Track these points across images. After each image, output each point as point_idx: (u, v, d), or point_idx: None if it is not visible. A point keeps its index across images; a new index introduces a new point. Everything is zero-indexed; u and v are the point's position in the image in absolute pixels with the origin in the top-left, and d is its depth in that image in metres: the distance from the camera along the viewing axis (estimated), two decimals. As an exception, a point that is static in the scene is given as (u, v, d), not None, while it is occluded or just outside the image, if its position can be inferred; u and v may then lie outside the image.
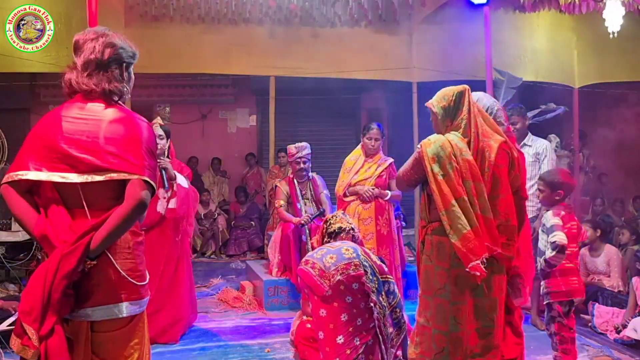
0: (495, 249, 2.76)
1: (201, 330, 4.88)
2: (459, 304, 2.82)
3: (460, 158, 2.78)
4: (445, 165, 2.77)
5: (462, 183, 2.75)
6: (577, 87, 8.28)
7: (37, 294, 1.99)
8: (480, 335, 2.84)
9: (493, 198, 2.81)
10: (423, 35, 8.07)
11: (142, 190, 2.06)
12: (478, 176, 2.78)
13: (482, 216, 2.74)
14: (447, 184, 2.75)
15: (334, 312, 3.33)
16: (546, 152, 4.89)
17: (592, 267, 5.52)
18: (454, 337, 2.83)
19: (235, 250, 8.42)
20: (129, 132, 2.13)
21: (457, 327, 2.82)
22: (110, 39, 2.21)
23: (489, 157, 2.82)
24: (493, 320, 2.86)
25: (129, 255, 2.16)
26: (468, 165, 2.78)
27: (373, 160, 5.27)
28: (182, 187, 4.55)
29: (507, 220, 2.82)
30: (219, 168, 9.62)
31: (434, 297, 2.88)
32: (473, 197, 2.75)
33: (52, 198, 2.11)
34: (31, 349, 1.98)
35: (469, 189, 2.75)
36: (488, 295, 2.83)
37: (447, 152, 2.78)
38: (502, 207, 2.82)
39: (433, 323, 2.88)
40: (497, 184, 2.82)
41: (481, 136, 2.86)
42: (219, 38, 7.76)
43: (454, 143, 2.81)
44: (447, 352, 2.83)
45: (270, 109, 7.95)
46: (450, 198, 2.72)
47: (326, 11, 7.78)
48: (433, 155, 2.80)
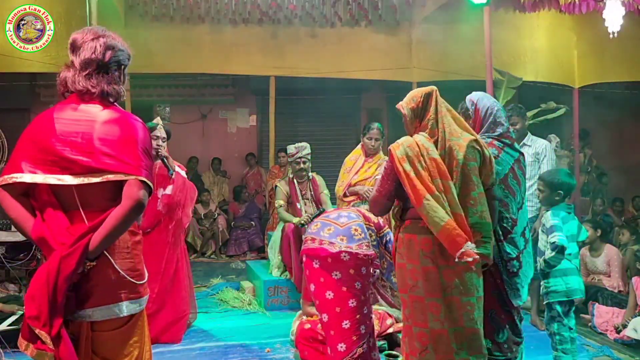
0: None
1: (201, 330, 4.88)
2: (434, 300, 2.83)
3: (428, 157, 2.84)
4: (414, 164, 2.83)
5: (431, 181, 2.80)
6: (577, 87, 8.27)
7: (42, 297, 1.98)
8: (464, 335, 2.83)
9: (464, 196, 2.84)
10: (423, 35, 8.07)
11: (140, 190, 2.06)
12: (446, 174, 2.83)
13: (453, 213, 2.77)
14: (419, 182, 2.79)
15: (343, 297, 3.30)
16: (546, 151, 4.89)
17: (592, 267, 5.52)
18: (435, 334, 2.83)
19: (235, 250, 8.42)
20: (124, 133, 2.12)
21: (437, 324, 2.82)
22: (110, 40, 2.21)
23: (457, 156, 2.85)
24: (475, 321, 2.83)
25: (128, 255, 2.16)
26: (435, 164, 2.83)
27: (373, 160, 5.28)
28: (180, 176, 4.72)
29: (481, 217, 2.84)
30: (219, 168, 9.62)
31: (410, 295, 2.90)
32: (443, 195, 2.79)
33: (49, 201, 2.11)
34: (48, 352, 1.98)
35: (438, 187, 2.80)
36: (465, 294, 2.81)
37: (415, 151, 2.85)
38: (475, 205, 2.84)
39: (413, 321, 2.90)
40: (469, 182, 2.85)
41: (449, 135, 2.90)
42: (219, 38, 7.77)
43: (420, 143, 2.88)
44: (431, 350, 2.84)
45: (270, 109, 7.96)
46: (424, 193, 2.77)
47: (326, 11, 7.79)
48: (402, 155, 2.86)
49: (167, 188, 4.58)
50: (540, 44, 8.21)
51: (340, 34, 8.02)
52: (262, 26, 7.88)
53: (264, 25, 7.88)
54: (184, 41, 7.60)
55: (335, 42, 7.98)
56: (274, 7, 7.56)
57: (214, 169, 9.60)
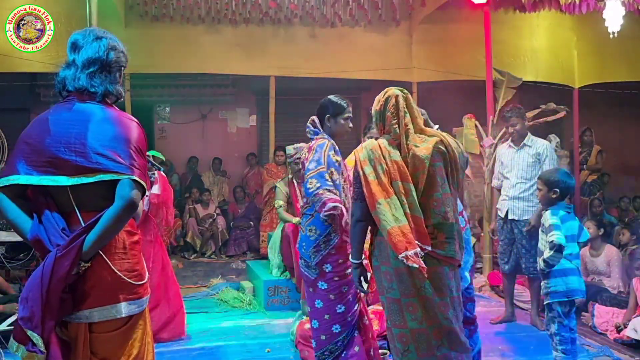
0: (424, 247, 2.76)
1: (201, 330, 4.89)
2: (410, 300, 2.82)
3: (389, 160, 2.86)
4: (375, 167, 2.85)
5: (390, 184, 2.82)
6: (577, 87, 8.28)
7: (35, 299, 1.98)
8: (442, 332, 2.83)
9: (428, 197, 2.84)
10: (423, 35, 8.08)
11: (132, 190, 2.05)
12: (406, 177, 2.84)
13: (411, 215, 2.79)
14: (376, 185, 2.82)
15: (330, 304, 3.34)
16: (547, 152, 4.89)
17: (592, 267, 5.52)
18: (415, 333, 2.83)
19: (235, 250, 8.42)
20: (117, 132, 2.11)
21: (414, 323, 2.82)
22: (112, 41, 2.23)
23: (424, 160, 2.84)
24: (450, 320, 2.83)
25: (125, 255, 2.15)
26: (396, 166, 2.85)
27: (373, 160, 5.28)
28: (162, 175, 4.88)
29: (444, 219, 2.83)
30: (219, 168, 9.62)
31: (387, 296, 2.90)
32: (402, 197, 2.81)
33: (44, 202, 2.10)
34: (38, 354, 1.97)
35: (398, 189, 2.82)
36: (438, 294, 2.80)
37: (377, 154, 2.88)
38: (438, 206, 2.83)
39: (392, 322, 2.90)
40: (433, 183, 2.85)
41: (412, 141, 2.90)
42: (219, 38, 7.77)
43: (383, 146, 2.90)
44: (412, 349, 2.84)
45: (270, 109, 7.96)
46: (378, 198, 2.80)
47: (326, 11, 7.79)
48: (364, 158, 2.90)
49: (153, 187, 4.72)
50: (540, 44, 8.22)
51: (340, 34, 8.02)
52: (262, 26, 7.88)
53: (264, 25, 7.88)
54: (184, 41, 7.60)
55: (335, 42, 7.98)
56: (274, 7, 7.56)
57: (214, 169, 9.60)
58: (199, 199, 8.77)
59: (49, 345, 1.98)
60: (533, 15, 7.75)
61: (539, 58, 8.22)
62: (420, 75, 8.02)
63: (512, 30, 8.07)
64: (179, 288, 4.90)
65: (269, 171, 8.16)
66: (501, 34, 7.60)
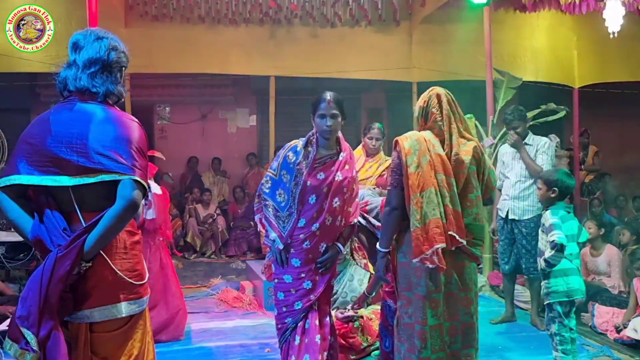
0: (461, 240, 2.86)
1: (201, 330, 4.88)
2: (434, 297, 2.90)
3: (433, 152, 2.92)
4: (420, 157, 2.90)
5: (434, 175, 2.88)
6: (577, 87, 8.28)
7: (33, 298, 1.98)
8: (458, 329, 2.92)
9: (464, 197, 2.94)
10: (423, 35, 8.08)
11: (133, 190, 2.05)
12: (449, 171, 2.91)
13: (452, 209, 2.87)
14: (415, 178, 2.87)
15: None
16: (544, 148, 4.88)
17: (593, 267, 5.52)
18: (433, 329, 2.90)
19: (235, 251, 8.42)
20: (118, 132, 2.11)
21: (435, 320, 2.90)
22: (113, 42, 2.23)
23: (465, 160, 2.94)
24: (472, 315, 2.94)
25: (126, 255, 2.15)
26: (440, 159, 2.91)
27: (374, 160, 5.27)
28: (156, 195, 4.66)
29: (475, 219, 2.94)
30: (219, 168, 9.62)
31: (414, 292, 2.95)
32: (444, 190, 2.88)
33: (45, 202, 2.10)
34: (30, 353, 1.97)
35: (440, 182, 2.88)
36: (463, 290, 2.93)
37: (423, 146, 2.93)
38: (471, 206, 2.95)
39: (415, 319, 2.94)
40: (468, 184, 2.96)
41: (456, 140, 2.98)
42: (219, 38, 7.77)
43: (427, 139, 2.97)
44: (429, 346, 2.90)
45: (270, 109, 7.96)
46: (414, 192, 2.86)
47: (326, 11, 7.80)
48: (409, 147, 2.94)
49: (148, 213, 4.56)
50: (540, 44, 8.22)
51: (340, 34, 8.02)
52: (263, 26, 7.88)
53: (264, 25, 7.89)
54: (184, 41, 7.60)
55: (335, 42, 7.98)
56: (274, 7, 7.56)
57: (214, 169, 9.60)
58: (199, 199, 8.77)
59: (45, 345, 1.97)
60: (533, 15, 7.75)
61: (539, 58, 8.22)
62: (420, 75, 8.02)
63: (512, 30, 8.07)
64: (181, 290, 4.86)
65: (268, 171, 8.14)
66: (501, 34, 7.60)
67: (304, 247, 3.10)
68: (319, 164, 3.12)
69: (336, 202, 3.09)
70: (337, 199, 3.09)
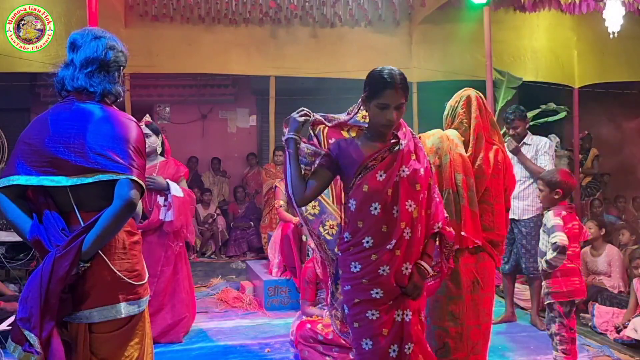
0: (476, 241, 2.88)
1: (201, 330, 4.88)
2: (456, 299, 2.90)
3: (455, 152, 2.92)
4: (441, 157, 2.91)
5: (454, 175, 2.88)
6: (577, 87, 8.28)
7: (34, 300, 1.98)
8: (480, 332, 2.94)
9: (482, 202, 2.97)
10: (423, 35, 8.08)
11: (130, 190, 2.04)
12: (469, 171, 2.92)
13: (470, 209, 2.88)
14: (436, 176, 2.85)
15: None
16: (545, 147, 4.88)
17: (593, 267, 5.52)
18: (454, 333, 2.89)
19: (235, 251, 8.42)
20: (115, 132, 2.10)
21: (456, 322, 2.89)
22: (111, 41, 2.22)
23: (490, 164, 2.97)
24: (489, 314, 3.00)
25: (125, 255, 2.15)
26: (461, 159, 2.91)
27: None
28: (177, 197, 4.36)
29: (492, 228, 2.98)
30: (219, 168, 9.62)
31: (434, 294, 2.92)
32: (462, 190, 2.88)
33: (45, 202, 2.10)
34: (34, 355, 1.97)
35: (460, 182, 2.88)
36: (484, 289, 2.96)
37: (445, 145, 2.93)
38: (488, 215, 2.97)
39: (432, 320, 2.93)
40: (487, 193, 2.99)
41: (482, 143, 3.00)
42: (219, 38, 7.77)
43: (451, 137, 2.97)
44: (447, 348, 2.89)
45: (270, 109, 7.96)
46: None
47: (326, 11, 7.79)
48: (431, 145, 2.95)
49: (167, 214, 4.32)
50: (540, 44, 8.22)
51: (340, 34, 8.02)
52: (262, 26, 7.88)
53: (264, 25, 7.88)
54: (184, 41, 7.60)
55: (335, 42, 7.98)
56: (274, 7, 7.56)
57: (214, 169, 9.60)
58: (199, 198, 8.77)
59: (47, 346, 1.97)
60: (533, 15, 7.75)
61: (539, 58, 8.22)
62: (420, 75, 8.02)
63: (512, 30, 8.07)
64: (194, 298, 4.75)
65: (267, 171, 8.16)
66: (501, 34, 7.60)
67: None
68: (375, 161, 2.43)
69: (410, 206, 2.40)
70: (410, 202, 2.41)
